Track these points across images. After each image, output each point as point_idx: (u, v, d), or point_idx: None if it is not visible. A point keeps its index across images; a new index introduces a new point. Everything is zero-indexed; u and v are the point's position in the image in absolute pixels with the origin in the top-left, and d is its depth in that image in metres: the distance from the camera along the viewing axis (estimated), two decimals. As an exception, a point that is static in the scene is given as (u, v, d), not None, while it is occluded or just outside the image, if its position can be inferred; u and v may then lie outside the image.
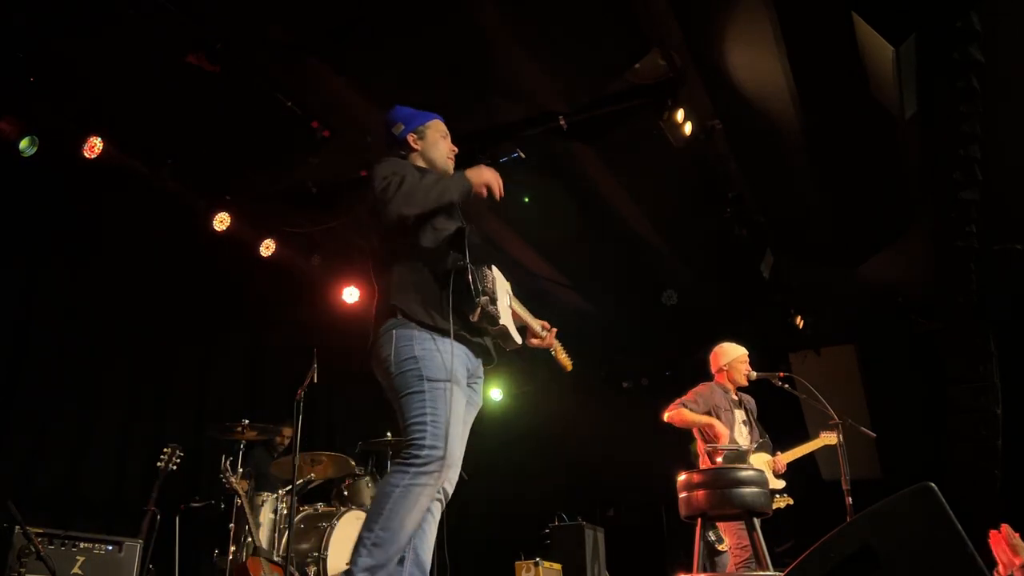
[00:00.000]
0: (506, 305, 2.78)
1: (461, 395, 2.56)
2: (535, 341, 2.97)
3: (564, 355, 3.14)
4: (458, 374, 2.56)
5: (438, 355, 2.50)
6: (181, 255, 6.42)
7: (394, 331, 2.54)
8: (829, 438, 5.13)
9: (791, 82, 5.16)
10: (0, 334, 5.21)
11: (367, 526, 2.36)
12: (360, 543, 2.34)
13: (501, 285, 2.76)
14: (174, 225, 6.15)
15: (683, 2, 4.73)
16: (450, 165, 2.94)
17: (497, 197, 2.70)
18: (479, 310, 2.52)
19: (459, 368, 2.57)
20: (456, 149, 2.98)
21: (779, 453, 5.16)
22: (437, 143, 2.91)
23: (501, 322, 2.64)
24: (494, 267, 2.71)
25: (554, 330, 2.98)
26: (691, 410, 4.94)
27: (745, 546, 4.65)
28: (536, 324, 2.96)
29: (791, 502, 5.10)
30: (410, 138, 2.89)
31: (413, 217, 2.58)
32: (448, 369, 2.50)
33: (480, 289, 2.53)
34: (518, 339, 2.78)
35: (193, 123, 5.52)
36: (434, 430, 2.42)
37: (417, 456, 2.39)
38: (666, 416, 5.00)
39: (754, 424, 5.18)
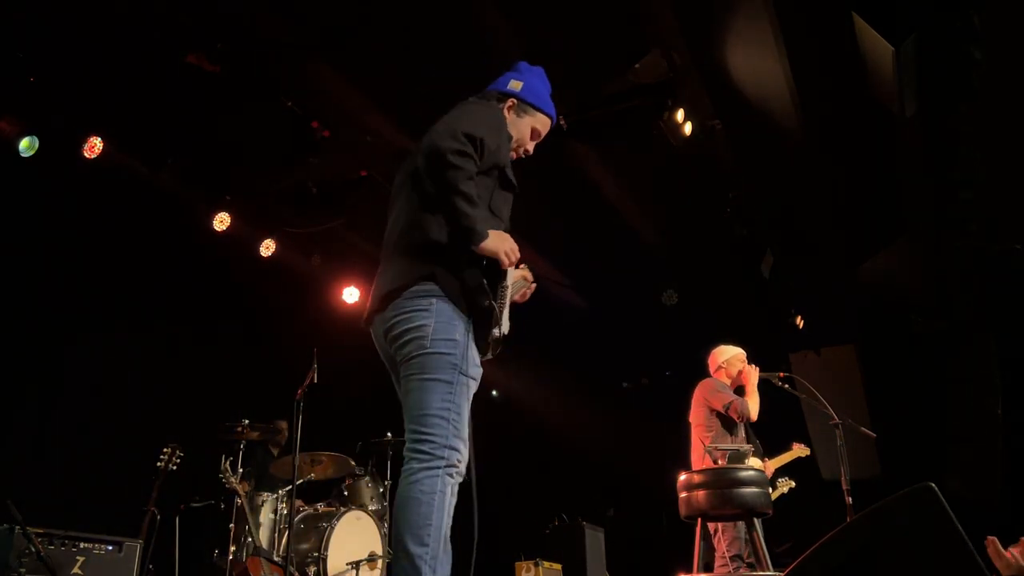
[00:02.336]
0: (507, 306, 2.59)
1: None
2: (518, 298, 2.74)
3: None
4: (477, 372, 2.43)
5: (471, 348, 2.36)
6: (181, 255, 6.42)
7: (434, 301, 2.33)
8: (802, 450, 5.41)
9: (791, 82, 5.16)
10: None
11: (417, 541, 2.17)
12: (418, 560, 2.16)
13: (503, 286, 2.55)
14: (174, 225, 6.15)
15: (683, 2, 4.73)
16: (511, 155, 2.65)
17: (504, 265, 2.41)
18: (488, 352, 2.44)
19: (479, 363, 2.44)
20: (531, 152, 2.75)
21: (766, 460, 5.20)
22: (523, 129, 2.68)
23: (502, 332, 2.49)
24: (508, 272, 2.50)
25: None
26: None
27: (735, 556, 4.64)
28: (521, 285, 2.73)
29: (793, 484, 5.13)
30: (510, 102, 2.67)
31: (443, 188, 2.30)
32: (474, 364, 2.38)
33: (498, 331, 2.40)
34: (506, 329, 2.55)
35: (193, 123, 5.52)
36: (455, 429, 2.29)
37: (440, 457, 2.25)
38: (733, 410, 4.94)
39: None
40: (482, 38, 4.86)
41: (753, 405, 4.87)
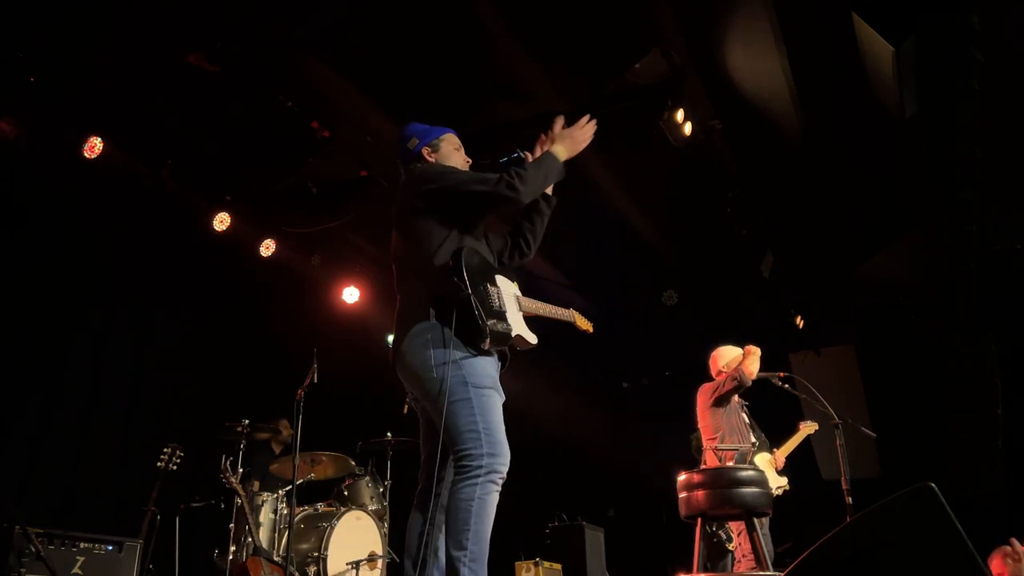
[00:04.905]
0: (516, 311, 2.81)
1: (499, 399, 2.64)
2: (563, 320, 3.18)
3: (583, 320, 3.35)
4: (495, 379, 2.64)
5: (479, 361, 2.56)
6: (181, 255, 6.42)
7: (430, 335, 2.55)
8: (810, 427, 5.31)
9: (791, 82, 5.16)
10: None
11: (456, 545, 2.39)
12: (456, 563, 2.37)
13: (507, 293, 2.78)
14: (174, 225, 6.15)
15: (683, 2, 4.72)
16: None
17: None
18: (488, 339, 2.54)
19: (494, 373, 2.66)
20: (471, 160, 2.99)
21: (775, 450, 5.21)
22: (451, 155, 2.93)
23: (514, 334, 2.68)
24: (497, 278, 2.74)
25: (571, 310, 3.24)
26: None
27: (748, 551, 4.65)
28: (557, 312, 3.12)
29: (787, 487, 5.14)
30: (424, 151, 2.90)
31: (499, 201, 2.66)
32: (490, 376, 2.59)
33: (484, 315, 2.54)
34: (533, 339, 2.83)
35: (193, 123, 5.52)
36: (488, 437, 2.48)
37: (479, 466, 2.45)
38: (731, 380, 5.03)
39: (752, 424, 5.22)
40: (482, 38, 4.86)
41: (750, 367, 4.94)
